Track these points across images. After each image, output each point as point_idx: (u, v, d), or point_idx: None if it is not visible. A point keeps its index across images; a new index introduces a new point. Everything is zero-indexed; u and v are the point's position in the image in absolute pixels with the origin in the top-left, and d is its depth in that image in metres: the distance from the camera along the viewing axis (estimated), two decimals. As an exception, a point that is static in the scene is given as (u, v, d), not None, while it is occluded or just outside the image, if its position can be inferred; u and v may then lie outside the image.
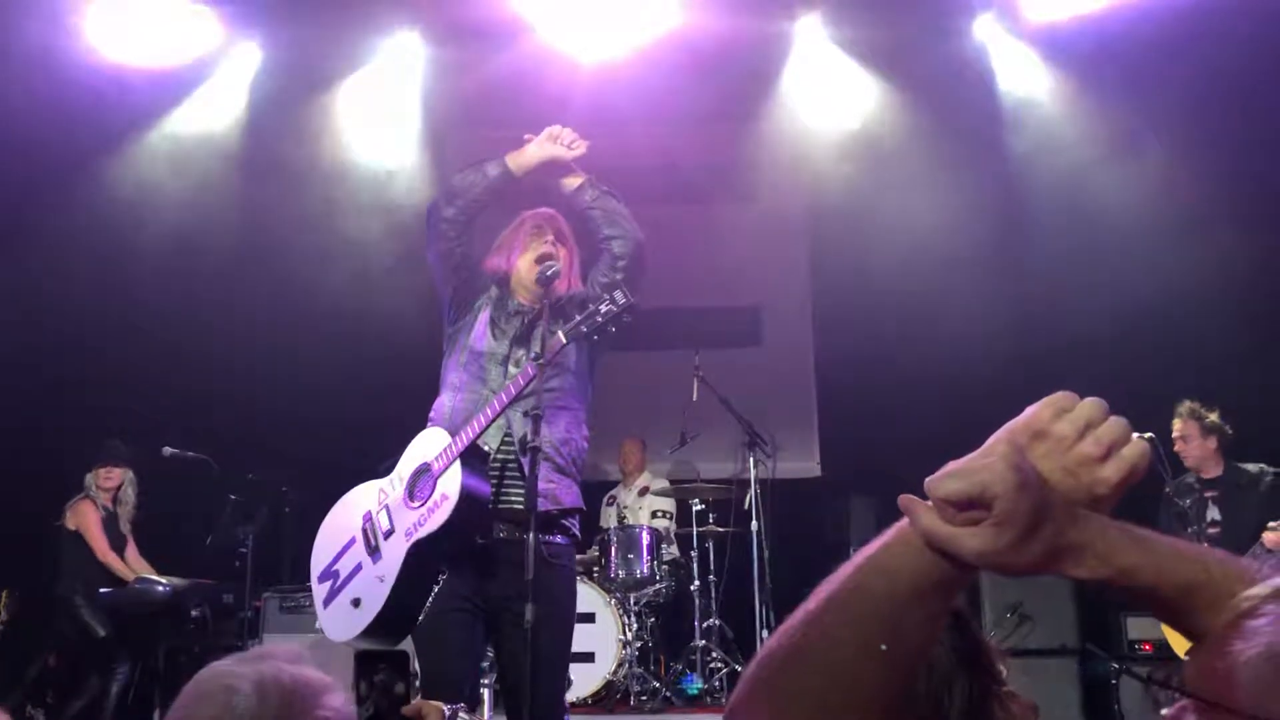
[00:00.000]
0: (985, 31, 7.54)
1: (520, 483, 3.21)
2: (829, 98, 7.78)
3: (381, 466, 6.24)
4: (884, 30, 7.35)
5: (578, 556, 4.10)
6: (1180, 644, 5.12)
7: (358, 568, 3.23)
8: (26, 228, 7.13)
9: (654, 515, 7.34)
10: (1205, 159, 6.90)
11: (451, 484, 3.06)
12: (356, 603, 3.18)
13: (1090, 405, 0.92)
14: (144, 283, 7.36)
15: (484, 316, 3.47)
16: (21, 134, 6.68)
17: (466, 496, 3.02)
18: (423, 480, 3.17)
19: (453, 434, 3.18)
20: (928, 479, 0.85)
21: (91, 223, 7.14)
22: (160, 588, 6.32)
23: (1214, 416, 5.66)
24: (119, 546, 6.55)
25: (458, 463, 3.07)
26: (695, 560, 6.70)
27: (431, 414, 3.44)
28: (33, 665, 6.52)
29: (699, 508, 6.86)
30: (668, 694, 6.24)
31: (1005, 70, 7.59)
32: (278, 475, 6.70)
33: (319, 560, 3.37)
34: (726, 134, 8.42)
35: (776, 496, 6.75)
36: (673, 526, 7.23)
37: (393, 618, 3.13)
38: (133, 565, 6.53)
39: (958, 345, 7.32)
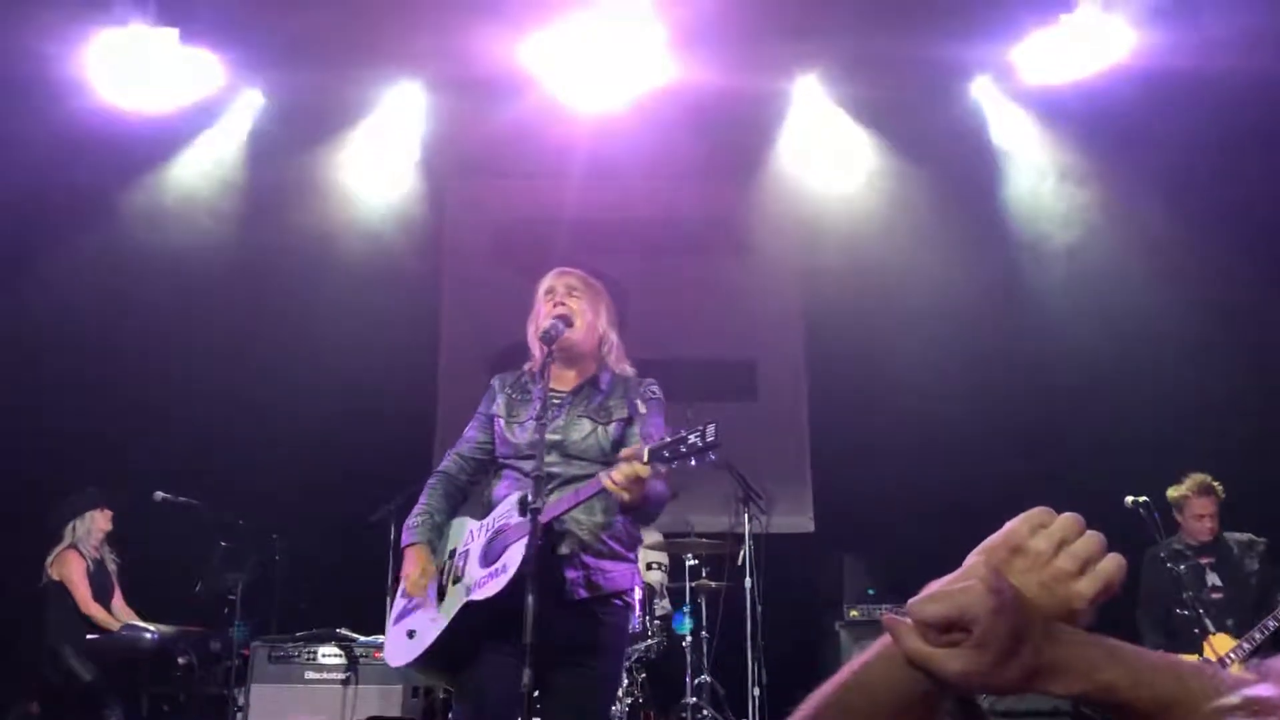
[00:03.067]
0: (982, 93, 7.64)
1: (572, 562, 3.19)
2: (826, 155, 7.88)
3: (373, 517, 6.24)
4: (881, 91, 7.44)
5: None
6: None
7: (424, 600, 3.30)
8: (24, 270, 7.15)
9: (649, 567, 7.29)
10: (1198, 221, 6.97)
11: (515, 556, 3.04)
12: (411, 634, 3.26)
13: (1066, 521, 0.94)
14: (138, 328, 7.39)
15: (500, 420, 3.43)
16: (25, 177, 6.73)
17: (523, 572, 2.98)
18: (499, 541, 3.17)
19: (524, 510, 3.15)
20: (910, 601, 0.87)
21: (88, 266, 7.18)
22: (148, 634, 6.27)
23: (1220, 488, 5.72)
24: (107, 595, 6.49)
25: (526, 537, 3.03)
26: (688, 616, 6.65)
27: (495, 494, 3.42)
28: (13, 712, 6.44)
29: (692, 562, 6.82)
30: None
31: (1001, 132, 7.69)
32: (268, 522, 6.66)
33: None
34: (725, 188, 8.51)
35: (769, 552, 6.72)
36: (665, 580, 7.18)
37: (437, 657, 3.21)
38: (119, 614, 6.47)
39: (953, 402, 7.35)
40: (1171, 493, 5.83)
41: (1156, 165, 6.97)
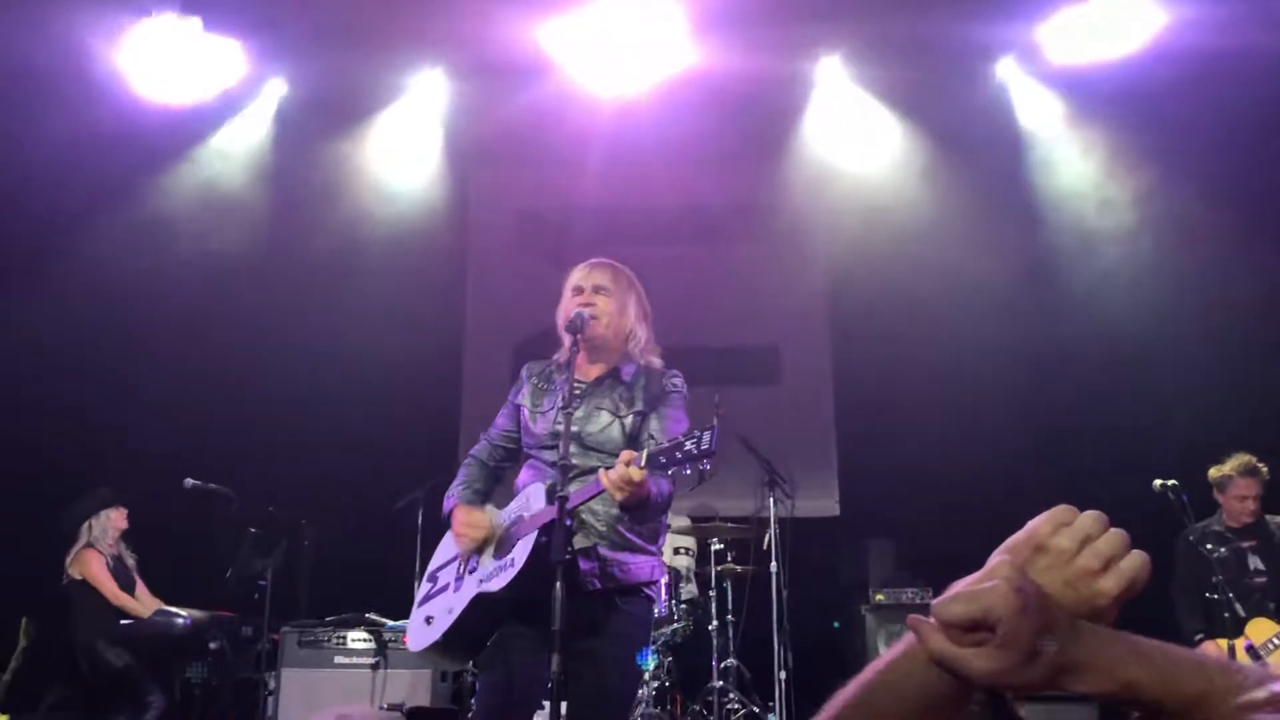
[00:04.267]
0: (1007, 74, 7.57)
1: (587, 554, 3.18)
2: (850, 138, 7.83)
3: (399, 504, 6.28)
4: (906, 72, 7.39)
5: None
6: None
7: (445, 587, 3.32)
8: (51, 258, 7.22)
9: (675, 552, 7.30)
10: (1227, 200, 6.89)
11: (523, 551, 3.05)
12: (429, 620, 3.30)
13: (1089, 519, 0.93)
14: (164, 316, 7.43)
15: (524, 409, 3.45)
16: (46, 168, 6.78)
17: (531, 566, 2.98)
18: (513, 533, 3.17)
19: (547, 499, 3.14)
20: (934, 602, 0.87)
21: (115, 254, 7.22)
22: (180, 620, 6.34)
23: (1265, 470, 5.62)
24: (130, 590, 6.53)
25: (535, 532, 3.04)
26: (714, 600, 6.66)
27: (516, 483, 3.43)
28: (48, 695, 6.53)
29: (718, 547, 6.82)
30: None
31: (1027, 112, 7.62)
32: (297, 508, 6.71)
33: (434, 559, 3.49)
34: (747, 173, 8.47)
35: (795, 536, 6.71)
36: (692, 564, 7.19)
37: (450, 645, 3.25)
38: (145, 604, 6.52)
39: (977, 385, 7.31)
40: (1213, 472, 5.70)
41: (1188, 148, 6.87)
